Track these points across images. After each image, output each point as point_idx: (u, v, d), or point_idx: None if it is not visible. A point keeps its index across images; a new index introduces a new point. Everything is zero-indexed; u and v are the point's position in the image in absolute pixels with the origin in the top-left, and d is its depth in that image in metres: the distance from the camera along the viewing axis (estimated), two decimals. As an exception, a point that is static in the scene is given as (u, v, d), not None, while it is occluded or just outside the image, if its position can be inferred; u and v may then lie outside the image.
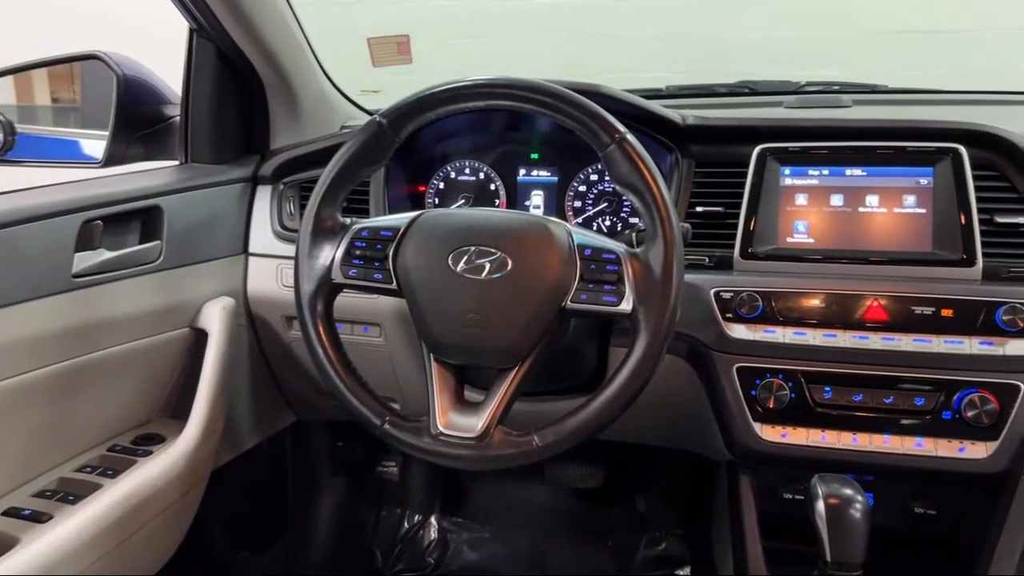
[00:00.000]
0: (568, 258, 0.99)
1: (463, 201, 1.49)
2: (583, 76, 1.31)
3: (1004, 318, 1.11)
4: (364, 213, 1.40)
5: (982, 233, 1.16)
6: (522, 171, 1.49)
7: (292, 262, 1.08)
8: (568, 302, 0.99)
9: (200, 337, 1.38)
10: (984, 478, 1.14)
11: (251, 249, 1.50)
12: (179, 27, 1.46)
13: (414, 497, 2.04)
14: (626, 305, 0.97)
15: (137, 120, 1.45)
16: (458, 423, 1.01)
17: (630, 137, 1.00)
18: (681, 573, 1.83)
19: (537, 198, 1.49)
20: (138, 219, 1.31)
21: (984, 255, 1.15)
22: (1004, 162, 1.20)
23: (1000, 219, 1.17)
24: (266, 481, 1.84)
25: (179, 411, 1.39)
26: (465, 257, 1.01)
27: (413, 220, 1.05)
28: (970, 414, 1.12)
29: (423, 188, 1.52)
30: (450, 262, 1.01)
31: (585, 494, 1.95)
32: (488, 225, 1.03)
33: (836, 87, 1.63)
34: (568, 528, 1.99)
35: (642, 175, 0.98)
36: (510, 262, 1.00)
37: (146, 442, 1.32)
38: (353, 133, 1.07)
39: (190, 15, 1.39)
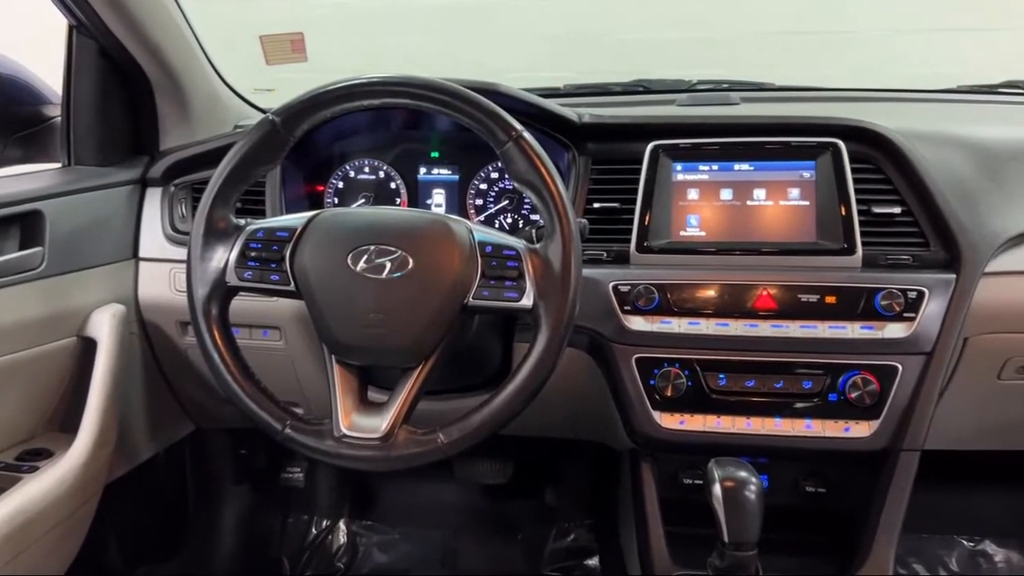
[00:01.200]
0: (469, 255, 1.00)
1: (363, 200, 1.47)
2: (484, 75, 1.32)
3: (882, 303, 1.17)
4: (261, 215, 1.37)
5: (861, 223, 1.22)
6: (423, 170, 1.49)
7: (185, 266, 1.05)
8: (470, 299, 0.99)
9: (89, 346, 1.33)
10: (868, 455, 1.20)
11: (141, 254, 1.44)
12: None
13: (321, 502, 2.01)
14: (527, 300, 0.98)
15: (13, 121, 1.38)
16: (362, 424, 1.00)
17: (527, 135, 1.01)
18: (590, 563, 1.86)
19: (439, 196, 1.49)
20: (16, 225, 1.25)
21: (863, 244, 1.21)
22: (879, 155, 1.27)
23: (877, 209, 1.24)
24: (165, 493, 1.78)
25: (68, 424, 1.33)
26: (365, 256, 1.00)
27: (310, 220, 1.04)
28: (854, 395, 1.18)
29: (321, 188, 1.50)
30: (349, 262, 1.00)
31: (495, 490, 1.96)
32: (388, 224, 1.03)
33: (726, 85, 1.69)
34: (479, 525, 2.00)
35: (539, 172, 1.00)
36: (411, 261, 0.99)
37: (32, 457, 1.26)
38: (245, 132, 1.05)
39: (68, 11, 1.33)
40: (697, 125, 1.33)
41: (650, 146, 1.30)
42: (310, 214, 1.05)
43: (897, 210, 1.23)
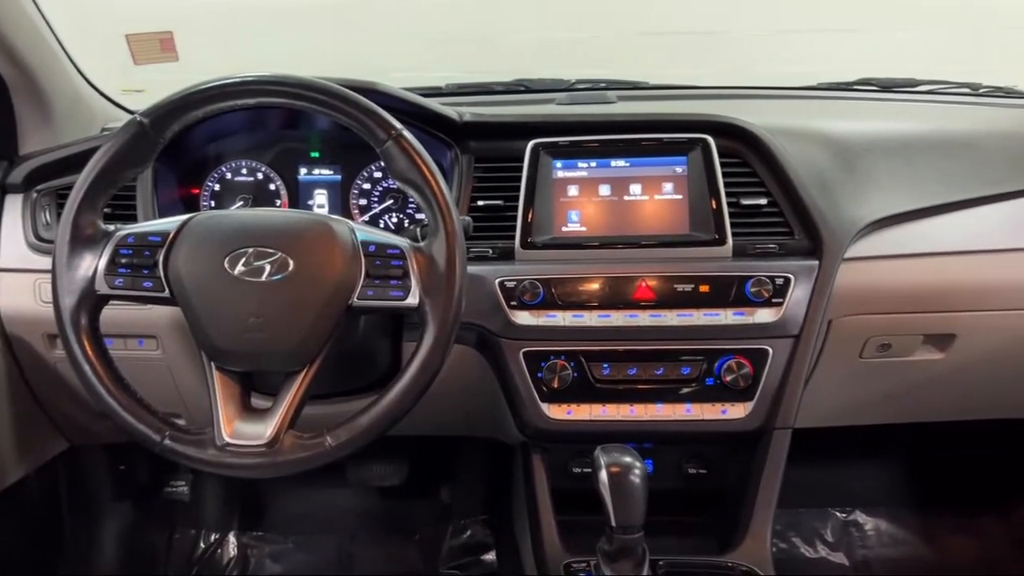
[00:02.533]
0: (352, 255, 0.99)
1: (241, 203, 1.43)
2: (370, 75, 1.31)
3: (752, 290, 1.23)
4: (133, 220, 1.31)
5: (731, 214, 1.28)
6: (303, 170, 1.47)
7: (50, 275, 1.00)
8: (355, 299, 0.99)
9: (-55, 364, 1.24)
10: (744, 435, 1.26)
11: (1, 264, 1.36)
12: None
13: (208, 515, 1.95)
14: (413, 299, 0.99)
15: None
16: (245, 431, 0.98)
17: (407, 134, 1.01)
18: (487, 558, 1.88)
19: (320, 197, 1.47)
20: None
21: (733, 234, 1.27)
22: (746, 150, 1.33)
23: (745, 201, 1.30)
24: (37, 515, 1.68)
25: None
26: (243, 259, 0.98)
27: (184, 223, 1.01)
28: (729, 379, 1.23)
29: (197, 191, 1.45)
30: (227, 265, 0.97)
31: (390, 491, 1.95)
32: (266, 225, 1.01)
33: (603, 84, 1.73)
34: (375, 527, 1.98)
35: (420, 171, 1.00)
36: (291, 262, 0.98)
37: None
38: (112, 134, 1.01)
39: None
40: (575, 123, 1.37)
41: (531, 144, 1.32)
42: (184, 217, 1.02)
43: (763, 201, 1.30)
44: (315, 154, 1.47)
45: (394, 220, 1.45)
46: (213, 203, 1.45)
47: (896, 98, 1.70)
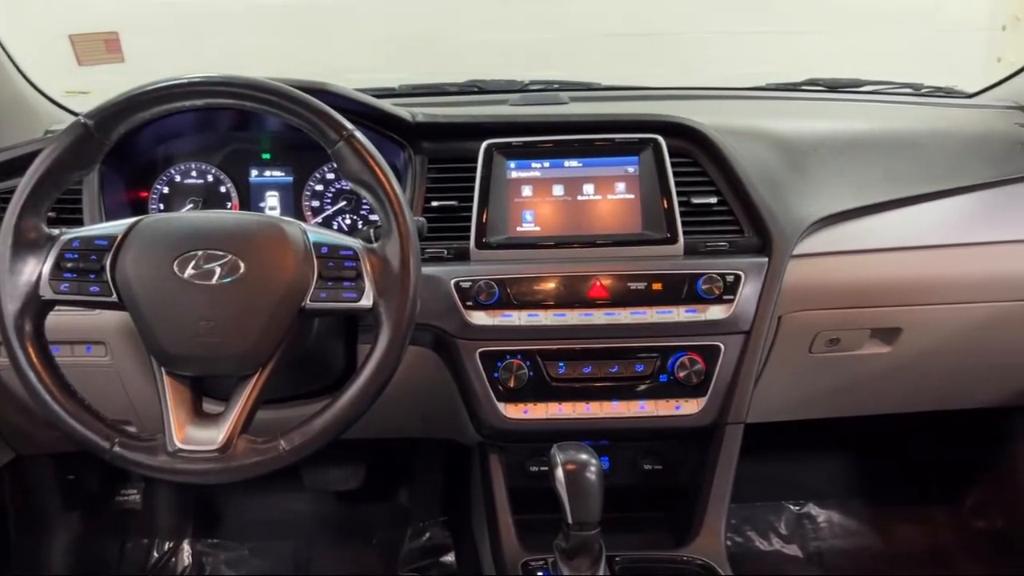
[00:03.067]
0: (304, 257, 0.99)
1: (191, 205, 1.41)
2: (323, 77, 1.30)
3: (704, 287, 1.25)
4: (79, 224, 1.28)
5: (682, 213, 1.29)
6: (254, 172, 1.45)
7: None
8: (308, 302, 0.98)
9: None
10: (698, 431, 1.28)
11: None
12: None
13: (162, 524, 1.91)
14: (367, 300, 0.98)
15: None
16: (197, 437, 0.97)
17: (358, 134, 1.00)
18: (446, 560, 1.88)
19: (272, 199, 1.45)
20: None
21: (685, 233, 1.28)
22: (696, 150, 1.35)
23: (696, 200, 1.32)
24: (-18, 529, 1.64)
25: None
26: (192, 262, 0.96)
27: (132, 226, 0.99)
28: (682, 375, 1.25)
29: (145, 194, 1.43)
30: (176, 268, 0.96)
31: (348, 495, 1.94)
32: (215, 227, 0.99)
33: (556, 85, 1.74)
34: (332, 532, 1.97)
35: (372, 171, 1.00)
36: (242, 265, 0.97)
37: None
38: (56, 137, 0.99)
39: None
40: (528, 124, 1.37)
41: (484, 144, 1.32)
42: (131, 220, 1.00)
43: (713, 200, 1.32)
44: (266, 155, 1.45)
45: (347, 221, 1.45)
46: (162, 206, 1.43)
47: (842, 98, 1.74)
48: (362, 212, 1.44)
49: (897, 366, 1.44)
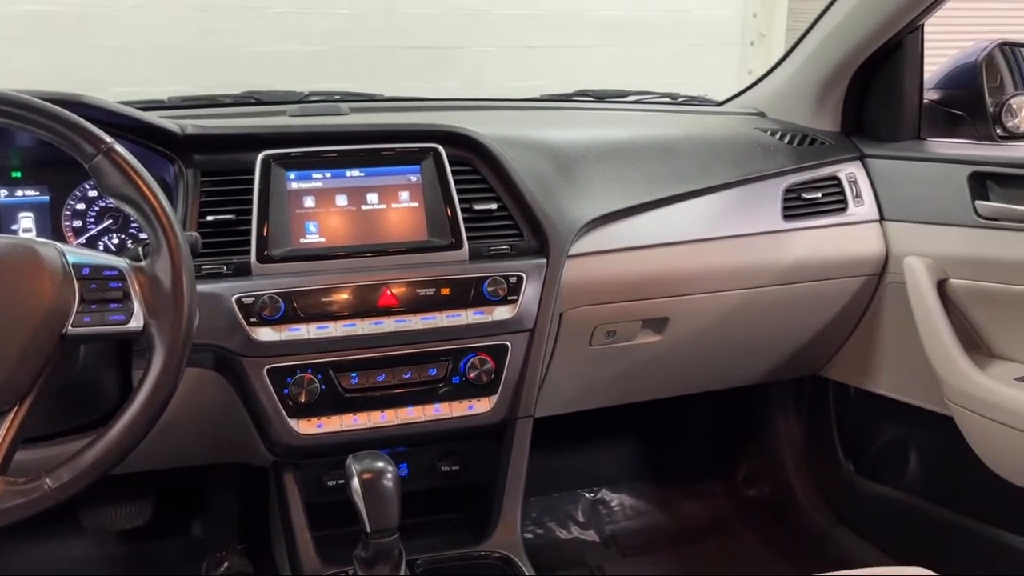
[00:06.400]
0: (63, 280, 0.92)
1: None
2: (88, 89, 1.22)
3: (489, 290, 1.29)
4: None
5: (465, 220, 1.33)
6: (3, 192, 1.33)
7: None
8: (69, 327, 0.91)
9: None
10: (490, 428, 1.33)
11: None
12: None
13: None
14: (136, 322, 0.93)
15: None
16: None
17: (118, 147, 0.96)
18: (246, 588, 1.81)
19: (27, 221, 1.33)
20: None
21: (469, 238, 1.32)
22: (475, 158, 1.40)
23: (477, 207, 1.36)
24: None
25: None
26: None
27: None
28: (473, 375, 1.29)
29: None
30: None
31: (134, 533, 1.80)
32: None
33: (337, 96, 1.74)
34: (120, 574, 1.83)
35: (136, 185, 0.95)
36: None
37: None
38: None
39: None
40: (306, 135, 1.36)
41: (261, 155, 1.29)
42: None
43: (494, 206, 1.37)
44: (16, 174, 1.33)
45: (115, 241, 1.36)
46: None
47: (608, 108, 1.87)
48: (131, 231, 1.36)
49: (668, 353, 1.57)
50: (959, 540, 1.65)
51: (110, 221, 1.35)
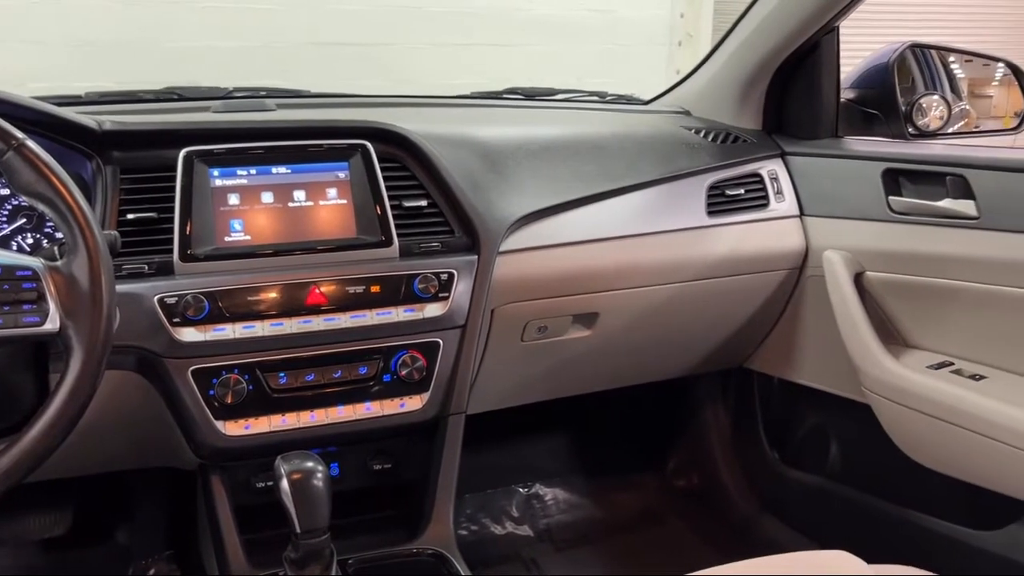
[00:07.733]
0: None
1: None
2: (1, 84, 1.17)
3: (420, 287, 1.29)
4: None
5: (395, 217, 1.33)
6: None
7: None
8: None
9: None
10: (422, 425, 1.32)
11: None
12: None
13: None
14: (52, 324, 0.90)
15: None
16: None
17: (30, 143, 0.92)
18: (173, 596, 1.76)
19: None
20: None
21: (399, 235, 1.32)
22: (404, 155, 1.40)
23: (407, 204, 1.36)
24: None
25: None
26: None
27: None
28: (404, 373, 1.28)
29: None
30: None
31: (55, 543, 1.74)
32: None
33: (263, 92, 1.71)
34: None
35: (49, 182, 0.92)
36: None
37: None
38: None
39: None
40: (230, 131, 1.33)
41: (183, 152, 1.26)
42: None
43: (424, 203, 1.37)
44: None
45: (29, 241, 1.31)
46: None
47: (538, 105, 1.89)
48: (46, 230, 1.32)
49: (598, 347, 1.59)
50: (878, 523, 1.72)
51: (23, 220, 1.30)
